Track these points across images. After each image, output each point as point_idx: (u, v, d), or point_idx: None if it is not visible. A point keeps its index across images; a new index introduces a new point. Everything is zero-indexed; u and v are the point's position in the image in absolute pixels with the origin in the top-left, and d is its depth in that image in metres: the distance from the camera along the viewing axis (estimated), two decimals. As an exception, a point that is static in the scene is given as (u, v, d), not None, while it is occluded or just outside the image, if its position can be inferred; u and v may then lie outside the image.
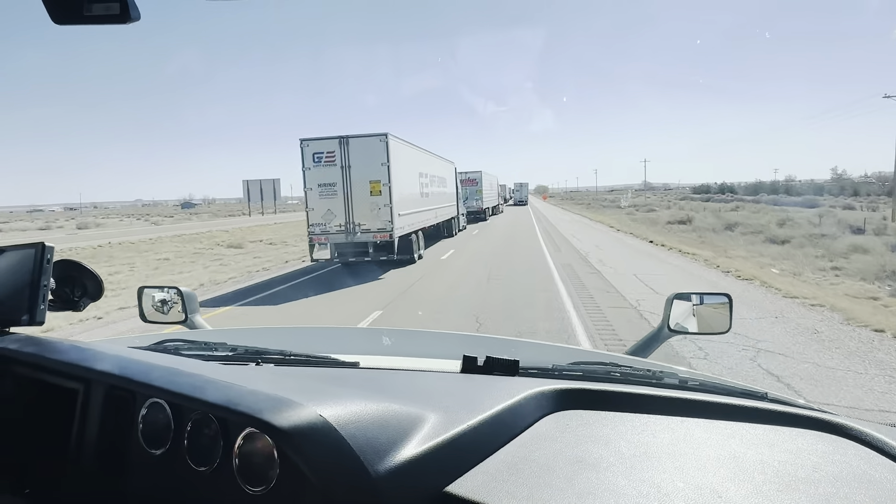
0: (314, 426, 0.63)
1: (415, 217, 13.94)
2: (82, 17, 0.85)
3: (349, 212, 11.87)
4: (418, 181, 15.03)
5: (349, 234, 11.91)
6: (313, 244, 11.99)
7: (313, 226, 11.94)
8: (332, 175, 11.80)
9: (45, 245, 0.95)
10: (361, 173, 11.78)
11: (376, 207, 11.81)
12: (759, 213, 32.76)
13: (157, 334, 1.51)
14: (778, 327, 6.10)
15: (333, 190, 11.84)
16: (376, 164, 11.72)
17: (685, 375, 1.12)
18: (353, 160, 11.77)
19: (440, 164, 19.84)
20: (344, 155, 11.74)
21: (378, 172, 11.74)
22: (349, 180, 11.78)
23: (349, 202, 11.85)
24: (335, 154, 11.75)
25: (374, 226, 11.86)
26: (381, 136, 11.68)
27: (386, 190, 11.76)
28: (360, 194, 11.82)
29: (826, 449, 0.75)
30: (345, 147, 11.73)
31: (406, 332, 2.25)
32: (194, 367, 0.87)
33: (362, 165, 11.75)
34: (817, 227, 21.13)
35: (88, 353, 0.92)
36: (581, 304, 7.59)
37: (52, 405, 0.88)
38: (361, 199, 11.82)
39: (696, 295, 1.60)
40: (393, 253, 11.98)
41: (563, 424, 0.80)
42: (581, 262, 12.03)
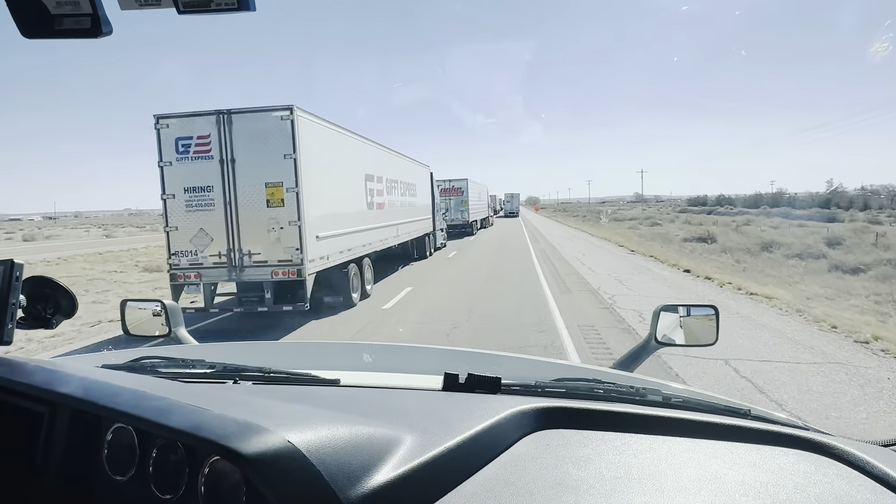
0: (282, 453, 0.60)
1: (352, 239, 9.47)
2: (53, 32, 0.84)
3: (233, 233, 7.42)
4: (364, 187, 10.61)
5: (233, 270, 7.44)
6: (178, 283, 7.49)
7: (177, 255, 7.46)
8: (207, 174, 7.34)
9: (14, 262, 0.93)
10: (252, 172, 7.32)
11: (276, 226, 7.37)
12: (779, 229, 28.80)
13: (136, 349, 1.41)
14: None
15: (208, 198, 7.38)
16: (276, 158, 7.27)
17: (669, 392, 1.11)
18: (240, 151, 7.32)
19: (406, 167, 15.46)
20: (225, 142, 7.30)
21: (279, 170, 7.28)
22: (233, 182, 7.33)
23: (233, 217, 7.40)
24: (210, 140, 7.32)
25: (272, 255, 7.41)
26: (283, 111, 7.25)
27: (292, 198, 7.30)
28: (251, 205, 7.38)
29: (808, 469, 0.75)
30: (226, 129, 7.28)
31: (389, 347, 2.15)
32: (165, 389, 0.86)
33: (254, 159, 7.30)
34: (879, 249, 16.99)
35: (55, 375, 0.89)
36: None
37: (16, 429, 0.85)
38: (253, 213, 7.38)
39: (683, 307, 1.63)
40: (303, 300, 7.43)
41: (543, 445, 0.79)
42: (612, 321, 7.27)
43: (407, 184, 15.39)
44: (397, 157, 14.21)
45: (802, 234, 22.83)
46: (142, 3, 0.82)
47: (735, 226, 31.49)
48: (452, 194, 31.73)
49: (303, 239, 7.34)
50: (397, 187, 13.97)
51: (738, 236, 22.55)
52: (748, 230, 26.34)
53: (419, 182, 17.22)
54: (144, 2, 0.82)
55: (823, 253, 16.15)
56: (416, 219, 16.22)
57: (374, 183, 11.40)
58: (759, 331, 6.66)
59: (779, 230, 27.54)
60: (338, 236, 8.72)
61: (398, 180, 14.15)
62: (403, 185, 14.92)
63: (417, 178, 16.99)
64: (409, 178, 15.63)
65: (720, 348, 6.05)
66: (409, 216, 15.32)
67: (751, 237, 22.53)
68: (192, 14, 0.83)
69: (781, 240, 20.28)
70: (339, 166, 9.09)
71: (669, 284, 10.41)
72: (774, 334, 6.50)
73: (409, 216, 15.32)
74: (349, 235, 9.33)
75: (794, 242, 19.37)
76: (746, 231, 25.91)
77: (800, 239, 20.60)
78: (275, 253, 7.37)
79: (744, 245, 19.42)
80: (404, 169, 15.18)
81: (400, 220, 14.07)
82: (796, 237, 21.24)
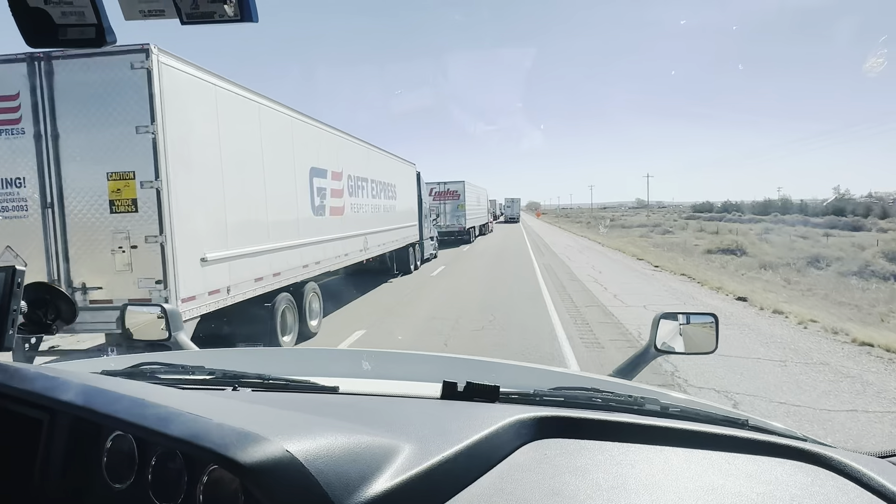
0: (280, 462, 0.60)
1: (282, 259, 6.60)
2: (57, 41, 0.85)
3: (56, 254, 4.59)
4: (309, 185, 7.77)
5: (56, 314, 4.63)
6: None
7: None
8: (14, 159, 4.54)
9: (16, 269, 0.94)
10: (87, 154, 4.50)
11: (125, 243, 4.54)
12: (809, 238, 26.00)
13: (135, 356, 1.44)
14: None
15: (17, 198, 4.57)
16: (124, 132, 4.46)
17: (667, 401, 1.10)
18: (67, 120, 4.50)
19: (382, 164, 12.66)
20: (43, 106, 4.49)
21: (129, 153, 4.46)
22: (56, 172, 4.53)
23: (55, 229, 4.57)
24: (19, 104, 4.50)
25: (119, 291, 4.56)
26: (134, 55, 4.37)
27: (150, 198, 4.46)
28: (86, 209, 4.55)
29: (804, 480, 0.75)
30: (44, 84, 4.47)
31: (388, 355, 2.10)
32: (165, 396, 0.84)
33: (90, 135, 4.48)
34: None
35: (55, 382, 0.87)
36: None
37: (15, 435, 0.84)
38: (89, 222, 4.56)
39: (682, 314, 1.63)
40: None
41: (541, 454, 0.79)
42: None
43: (383, 184, 12.57)
44: (367, 149, 11.38)
45: (842, 245, 19.99)
46: (146, 13, 0.84)
47: (754, 234, 28.70)
48: (448, 198, 28.95)
49: (169, 264, 4.48)
50: (367, 187, 11.15)
51: (770, 248, 19.69)
52: (776, 240, 23.48)
53: (401, 182, 14.41)
54: (148, 12, 0.84)
55: (893, 271, 13.29)
56: (395, 226, 13.40)
57: (328, 181, 8.57)
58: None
59: (809, 240, 24.72)
60: (252, 256, 5.88)
61: (369, 179, 11.33)
62: (378, 185, 12.11)
63: (398, 177, 14.18)
64: (385, 176, 12.81)
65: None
66: (385, 223, 12.50)
67: (785, 248, 19.70)
68: (195, 24, 0.84)
69: (825, 252, 17.42)
70: (255, 153, 6.21)
71: (748, 329, 6.96)
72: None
73: (385, 223, 12.50)
74: (276, 254, 6.48)
75: (843, 255, 16.51)
76: (774, 241, 23.07)
77: (846, 251, 17.74)
78: (123, 287, 4.52)
79: (783, 258, 16.55)
80: (379, 166, 12.36)
81: (371, 229, 11.24)
82: (842, 249, 18.37)
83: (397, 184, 13.95)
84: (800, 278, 13.11)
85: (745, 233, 30.36)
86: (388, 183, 13.05)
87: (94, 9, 0.82)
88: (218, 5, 0.82)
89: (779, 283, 12.21)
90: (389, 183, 13.20)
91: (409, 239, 15.03)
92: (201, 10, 0.82)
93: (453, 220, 28.71)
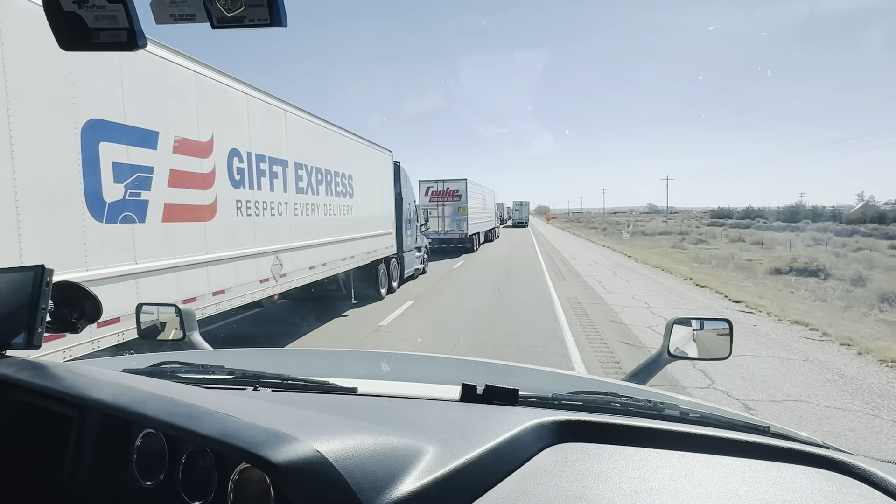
0: (311, 462, 0.61)
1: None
2: (90, 45, 0.86)
3: None
4: (88, 157, 3.54)
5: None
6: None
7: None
8: None
9: (45, 268, 0.96)
10: None
11: None
12: (877, 251, 21.45)
13: (154, 355, 1.46)
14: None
15: None
16: None
17: (686, 407, 1.09)
18: None
19: (325, 143, 8.45)
20: None
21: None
22: None
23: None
24: None
25: None
26: None
27: None
28: None
29: (830, 488, 0.73)
30: None
31: (406, 356, 2.06)
32: (191, 395, 0.84)
33: None
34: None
35: (84, 380, 0.90)
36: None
37: (46, 431, 0.86)
38: None
39: (696, 320, 1.61)
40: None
41: (562, 458, 0.78)
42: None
43: (327, 173, 8.37)
44: (289, 115, 7.13)
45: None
46: (176, 17, 0.84)
47: (802, 245, 24.17)
48: (447, 199, 24.69)
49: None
50: (286, 176, 6.95)
51: (860, 266, 15.18)
52: (860, 256, 18.94)
53: (365, 174, 10.19)
54: (179, 16, 0.84)
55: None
56: (351, 236, 9.21)
57: (161, 153, 4.34)
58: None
59: (877, 252, 20.18)
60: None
61: (291, 162, 7.13)
62: (315, 174, 7.92)
63: (361, 166, 9.97)
64: (332, 162, 8.60)
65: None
66: (331, 231, 8.33)
67: (870, 265, 15.22)
68: (225, 29, 0.85)
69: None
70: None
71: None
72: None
73: (331, 231, 8.33)
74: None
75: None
76: (853, 256, 18.55)
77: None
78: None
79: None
80: (321, 146, 8.16)
81: (296, 243, 7.04)
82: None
83: (357, 175, 9.73)
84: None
85: (785, 242, 25.84)
86: (337, 173, 8.84)
87: (127, 13, 0.84)
88: (248, 10, 0.83)
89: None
90: (340, 173, 8.97)
91: (380, 253, 10.81)
92: (232, 15, 0.83)
93: (453, 225, 24.45)
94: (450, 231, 24.44)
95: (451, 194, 24.89)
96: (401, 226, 12.55)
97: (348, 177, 9.25)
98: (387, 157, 11.80)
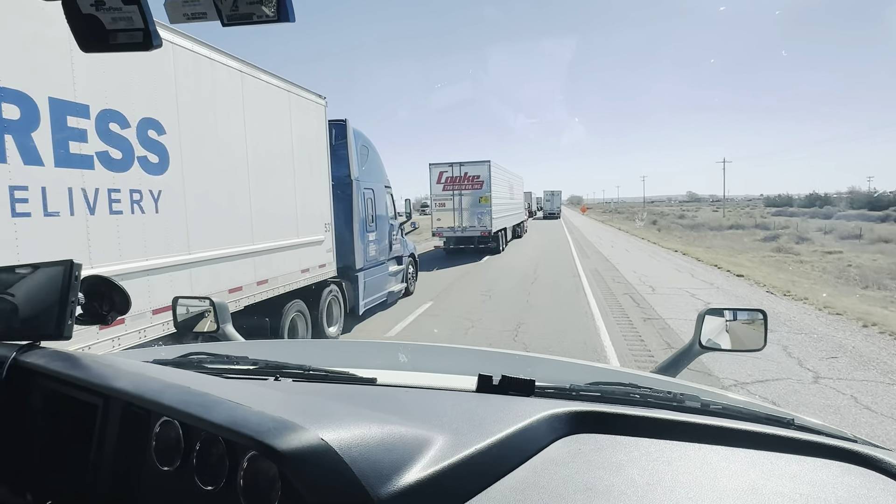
0: (315, 450, 0.61)
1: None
2: (108, 46, 0.88)
3: None
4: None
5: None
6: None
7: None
8: None
9: (73, 262, 1.00)
10: None
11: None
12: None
13: (186, 346, 1.52)
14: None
15: None
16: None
17: (708, 398, 1.05)
18: None
19: None
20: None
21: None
22: None
23: None
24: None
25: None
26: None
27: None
28: None
29: (853, 483, 0.71)
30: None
31: (425, 348, 2.06)
32: (209, 385, 0.86)
33: None
34: None
35: (109, 370, 0.93)
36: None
37: (73, 418, 0.90)
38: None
39: (729, 310, 1.57)
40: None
41: (575, 449, 0.77)
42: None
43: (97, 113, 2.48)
44: None
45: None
46: (189, 16, 0.86)
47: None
48: (465, 186, 18.97)
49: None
50: None
51: None
52: None
53: (240, 122, 4.36)
54: (192, 15, 0.86)
55: None
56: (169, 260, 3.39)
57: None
58: None
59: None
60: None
61: None
62: None
63: (203, 104, 4.12)
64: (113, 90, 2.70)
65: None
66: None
67: None
68: (236, 26, 0.87)
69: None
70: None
71: None
72: None
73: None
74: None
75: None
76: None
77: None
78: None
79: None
80: None
81: None
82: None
83: (188, 122, 3.89)
84: None
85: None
86: (114, 116, 2.98)
87: (142, 14, 0.85)
88: (256, 7, 0.84)
89: None
90: (124, 114, 3.11)
91: (292, 280, 5.04)
92: (241, 12, 0.85)
93: (473, 219, 18.79)
94: (469, 227, 18.86)
95: (469, 180, 19.17)
96: (349, 227, 6.86)
97: (155, 125, 3.48)
98: (311, 107, 5.99)
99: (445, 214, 18.81)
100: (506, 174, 23.14)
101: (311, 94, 6.02)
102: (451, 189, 19.02)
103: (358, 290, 7.23)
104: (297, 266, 5.51)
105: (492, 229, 18.58)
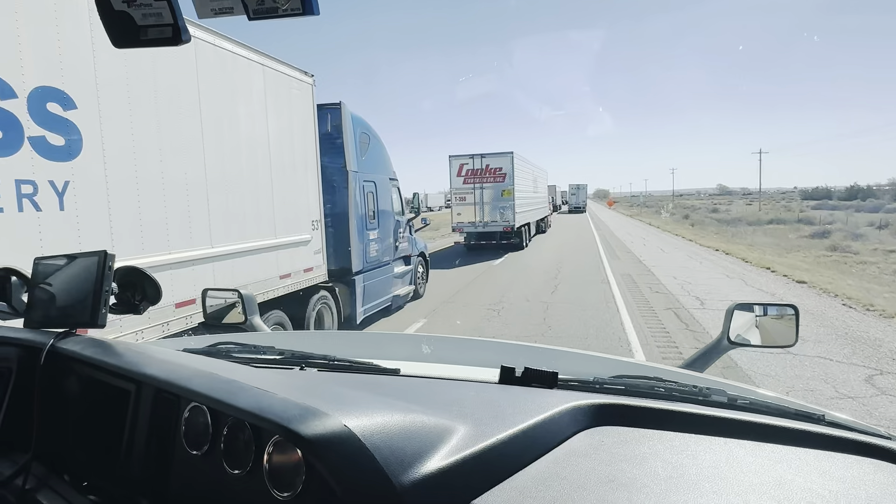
0: (338, 436, 0.63)
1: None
2: (139, 42, 0.89)
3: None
4: None
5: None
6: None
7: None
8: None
9: (108, 253, 1.04)
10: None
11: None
12: None
13: (216, 336, 1.54)
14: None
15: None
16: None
17: (735, 393, 1.05)
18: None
19: None
20: None
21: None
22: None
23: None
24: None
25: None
26: None
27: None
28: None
29: (885, 480, 0.69)
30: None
31: (448, 340, 2.11)
32: (237, 373, 0.89)
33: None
34: None
35: (142, 357, 0.97)
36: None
37: (108, 403, 0.94)
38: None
39: (759, 305, 1.54)
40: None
41: (598, 441, 0.77)
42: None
43: None
44: None
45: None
46: (216, 11, 0.87)
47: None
48: (487, 179, 18.11)
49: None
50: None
51: None
52: None
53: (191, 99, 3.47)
54: (219, 10, 0.87)
55: None
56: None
57: None
58: None
59: None
60: None
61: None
62: None
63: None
64: None
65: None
66: None
67: None
68: (262, 20, 0.88)
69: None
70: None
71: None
72: None
73: None
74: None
75: None
76: None
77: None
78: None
79: None
80: None
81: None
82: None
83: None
84: None
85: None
86: None
87: (171, 9, 0.86)
88: (282, 0, 0.84)
89: None
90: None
91: (258, 290, 4.20)
92: (266, 6, 0.85)
93: (495, 213, 17.91)
94: (491, 222, 18.02)
95: (492, 173, 18.28)
96: (344, 224, 5.98)
97: (59, 96, 2.62)
98: (293, 84, 5.09)
99: (466, 209, 17.96)
100: (529, 167, 22.05)
101: (293, 69, 5.13)
102: (472, 182, 18.15)
103: (356, 295, 6.36)
104: (274, 271, 4.67)
105: (515, 224, 17.65)
